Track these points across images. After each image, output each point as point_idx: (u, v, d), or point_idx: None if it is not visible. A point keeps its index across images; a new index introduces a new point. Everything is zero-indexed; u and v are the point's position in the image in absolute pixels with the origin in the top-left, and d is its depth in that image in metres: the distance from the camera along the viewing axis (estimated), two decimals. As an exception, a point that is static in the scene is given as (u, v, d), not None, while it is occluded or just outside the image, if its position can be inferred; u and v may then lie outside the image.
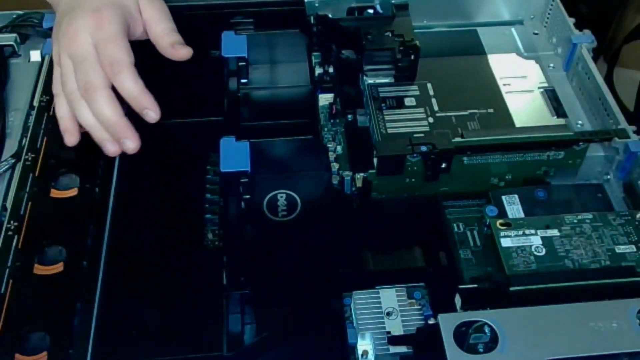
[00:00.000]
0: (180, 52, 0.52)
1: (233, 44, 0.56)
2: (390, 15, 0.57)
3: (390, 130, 0.51)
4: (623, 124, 0.51)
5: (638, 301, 0.39)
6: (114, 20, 0.48)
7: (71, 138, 0.49)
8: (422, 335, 0.41)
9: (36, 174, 0.48)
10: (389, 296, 0.44)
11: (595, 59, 0.57)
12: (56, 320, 0.41)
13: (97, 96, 0.47)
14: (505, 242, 0.44)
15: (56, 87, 0.50)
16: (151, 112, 0.48)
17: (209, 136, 0.50)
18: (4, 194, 0.49)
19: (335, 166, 0.51)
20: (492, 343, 0.38)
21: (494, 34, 0.61)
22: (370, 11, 0.60)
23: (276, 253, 0.46)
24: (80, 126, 0.49)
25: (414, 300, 0.44)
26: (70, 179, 0.48)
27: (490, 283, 0.42)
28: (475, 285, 0.42)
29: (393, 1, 0.58)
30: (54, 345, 0.40)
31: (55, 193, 0.47)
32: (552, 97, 0.55)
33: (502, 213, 0.47)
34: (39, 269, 0.43)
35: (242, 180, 0.48)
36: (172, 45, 0.51)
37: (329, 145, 0.53)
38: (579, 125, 0.55)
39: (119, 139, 0.47)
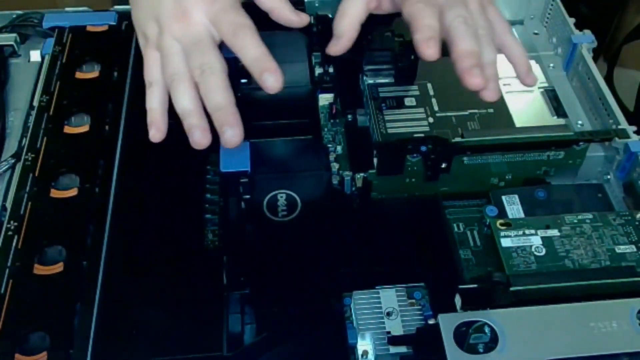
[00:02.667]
0: (304, 19, 0.50)
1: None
2: (390, 15, 0.57)
3: (390, 130, 0.51)
4: (623, 124, 0.51)
5: (638, 301, 0.40)
6: (236, 9, 0.46)
7: (158, 133, 0.46)
8: (422, 335, 0.41)
9: (36, 174, 0.48)
10: (389, 296, 0.44)
11: (595, 59, 0.57)
12: (56, 320, 0.41)
13: (212, 79, 0.44)
14: (505, 242, 0.44)
15: (151, 74, 0.47)
16: (271, 78, 0.44)
17: (209, 136, 0.50)
18: (4, 194, 0.49)
19: (335, 166, 0.51)
20: (492, 343, 0.38)
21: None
22: (371, 11, 0.60)
23: (276, 253, 0.46)
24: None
25: (414, 300, 0.44)
26: (70, 179, 0.48)
27: (490, 283, 0.42)
28: (475, 285, 0.42)
29: (393, 1, 0.58)
30: (54, 345, 0.40)
31: (55, 193, 0.47)
32: (552, 97, 0.55)
33: (502, 213, 0.47)
34: (39, 269, 0.43)
35: (242, 181, 0.48)
36: (295, 12, 0.50)
37: (329, 145, 0.53)
38: (579, 125, 0.55)
39: (222, 126, 0.44)
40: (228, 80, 0.45)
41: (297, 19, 0.51)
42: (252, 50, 0.44)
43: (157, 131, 0.46)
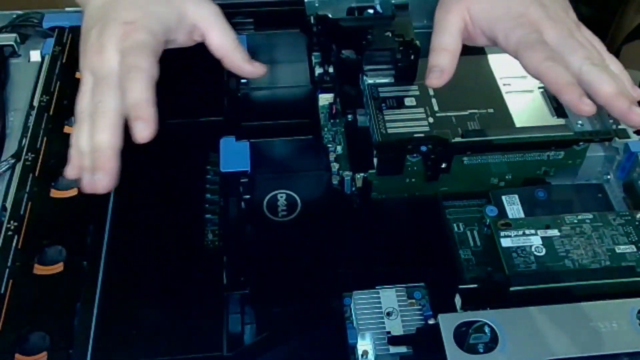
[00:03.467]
0: (259, 68, 0.49)
1: (233, 44, 0.56)
2: (390, 15, 0.57)
3: (390, 130, 0.51)
4: (623, 124, 0.51)
5: (638, 301, 0.40)
6: (146, 31, 0.45)
7: (72, 171, 0.43)
8: (422, 335, 0.41)
9: (36, 174, 0.48)
10: (389, 296, 0.44)
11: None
12: (56, 320, 0.41)
13: (102, 119, 0.42)
14: (505, 242, 0.44)
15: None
16: (141, 125, 0.41)
17: (209, 136, 0.50)
18: (4, 194, 0.49)
19: (335, 166, 0.51)
20: (492, 343, 0.38)
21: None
22: (370, 11, 0.60)
23: (276, 253, 0.46)
24: None
25: (414, 300, 0.44)
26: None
27: (490, 283, 0.42)
28: (475, 285, 0.42)
29: (393, 1, 0.58)
30: (54, 345, 0.40)
31: (55, 193, 0.47)
32: (552, 97, 0.55)
33: (502, 213, 0.47)
34: (39, 269, 0.43)
35: (242, 180, 0.48)
36: (248, 61, 0.49)
37: (329, 145, 0.53)
38: (579, 125, 0.55)
39: (94, 169, 0.42)
40: (118, 121, 0.43)
41: (249, 69, 0.49)
42: (134, 95, 0.42)
43: (72, 168, 0.44)
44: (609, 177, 0.52)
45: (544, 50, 0.45)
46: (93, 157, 0.42)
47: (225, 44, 0.49)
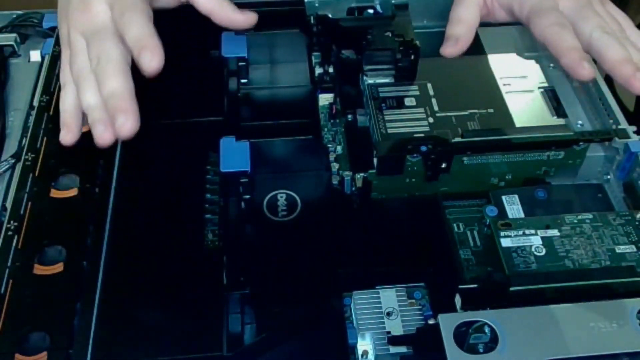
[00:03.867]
0: (251, 17, 0.47)
1: (233, 44, 0.56)
2: (390, 15, 0.57)
3: (390, 130, 0.51)
4: (623, 124, 0.51)
5: (638, 301, 0.40)
6: None
7: (68, 135, 0.44)
8: (422, 335, 0.41)
9: (36, 174, 0.48)
10: (389, 296, 0.44)
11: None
12: (56, 320, 0.41)
13: (107, 67, 0.41)
14: (505, 242, 0.44)
15: (63, 75, 0.46)
16: (148, 56, 0.40)
17: (209, 136, 0.50)
18: (4, 194, 0.49)
19: (335, 166, 0.51)
20: (492, 343, 0.38)
21: (494, 34, 0.61)
22: (370, 11, 0.60)
23: (276, 253, 0.46)
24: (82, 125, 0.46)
25: (414, 300, 0.44)
26: (70, 179, 0.48)
27: (490, 283, 0.42)
28: (475, 285, 0.42)
29: (393, 1, 0.58)
30: (54, 345, 0.40)
31: (55, 193, 0.47)
32: (552, 97, 0.55)
33: (502, 213, 0.47)
34: (39, 269, 0.43)
35: (242, 180, 0.48)
36: (239, 11, 0.47)
37: (329, 145, 0.53)
38: (579, 125, 0.55)
39: (114, 113, 0.41)
40: (126, 67, 0.42)
41: (241, 18, 0.48)
42: (134, 29, 0.42)
43: (67, 132, 0.44)
44: (609, 177, 0.52)
45: (554, 16, 0.44)
46: (110, 105, 0.41)
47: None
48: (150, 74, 0.41)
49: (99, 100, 0.42)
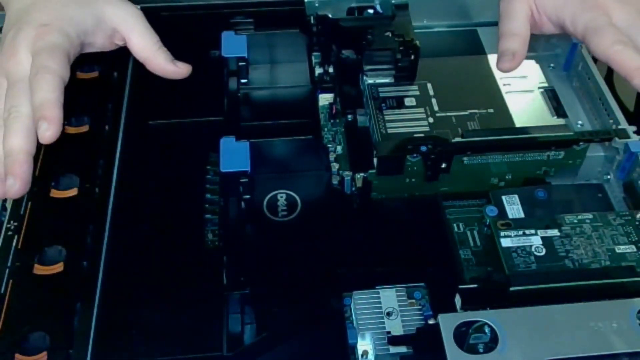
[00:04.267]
0: (183, 68, 0.49)
1: (233, 44, 0.56)
2: (390, 15, 0.58)
3: (390, 130, 0.51)
4: (623, 124, 0.51)
5: (638, 301, 0.39)
6: (59, 33, 0.45)
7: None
8: (422, 335, 0.41)
9: (36, 174, 0.48)
10: (389, 296, 0.44)
11: (595, 59, 0.57)
12: (56, 320, 0.41)
13: (15, 125, 0.42)
14: (505, 242, 0.44)
15: None
16: (46, 126, 0.41)
17: (209, 136, 0.50)
18: (4, 194, 0.49)
19: (335, 166, 0.51)
20: (492, 343, 0.38)
21: (494, 34, 0.61)
22: (370, 11, 0.60)
23: (276, 253, 0.46)
24: None
25: (414, 300, 0.44)
26: (70, 179, 0.48)
27: (490, 283, 0.42)
28: (475, 285, 0.42)
29: (393, 1, 0.58)
30: (54, 345, 0.40)
31: (55, 193, 0.47)
32: (552, 97, 0.55)
33: (502, 213, 0.47)
34: (39, 269, 0.43)
35: (242, 180, 0.48)
36: (171, 62, 0.49)
37: (329, 145, 0.53)
38: (579, 125, 0.55)
39: (7, 174, 0.41)
40: (31, 126, 0.42)
41: (172, 69, 0.49)
42: (40, 94, 0.42)
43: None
44: (609, 177, 0.52)
45: (613, 34, 0.44)
46: (5, 162, 0.42)
47: (145, 47, 0.49)
48: (44, 142, 0.42)
49: (1, 153, 0.43)
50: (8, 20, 0.48)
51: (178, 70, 0.50)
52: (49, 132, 0.42)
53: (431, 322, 0.42)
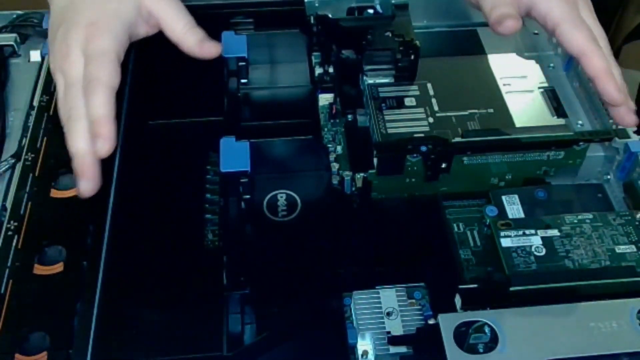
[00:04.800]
0: (209, 49, 0.49)
1: (233, 44, 0.56)
2: (390, 15, 0.57)
3: (390, 130, 0.51)
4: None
5: (638, 301, 0.40)
6: (107, 34, 0.46)
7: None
8: (422, 335, 0.41)
9: (36, 174, 0.48)
10: (389, 296, 0.44)
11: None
12: (56, 320, 0.41)
13: (75, 125, 0.44)
14: (505, 242, 0.44)
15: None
16: (102, 143, 0.42)
17: (209, 136, 0.50)
18: (4, 194, 0.49)
19: (335, 166, 0.51)
20: (492, 343, 0.38)
21: (494, 34, 0.61)
22: (370, 11, 0.60)
23: (276, 253, 0.46)
24: None
25: (414, 300, 0.44)
26: (70, 179, 0.48)
27: (490, 283, 0.42)
28: (475, 285, 0.42)
29: (393, 1, 0.58)
30: (54, 345, 0.40)
31: (55, 193, 0.47)
32: (552, 97, 0.55)
33: (502, 213, 0.47)
34: (39, 269, 0.43)
35: (242, 180, 0.48)
36: (199, 42, 0.49)
37: (329, 145, 0.53)
38: (579, 125, 0.55)
39: (78, 176, 0.43)
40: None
41: (198, 52, 0.49)
42: (94, 111, 0.43)
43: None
44: (609, 177, 0.52)
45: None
46: (74, 165, 0.44)
47: (175, 30, 0.49)
48: (101, 157, 0.43)
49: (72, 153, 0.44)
50: (54, 16, 0.49)
51: (204, 52, 0.50)
52: (105, 149, 0.43)
53: (431, 322, 0.42)
